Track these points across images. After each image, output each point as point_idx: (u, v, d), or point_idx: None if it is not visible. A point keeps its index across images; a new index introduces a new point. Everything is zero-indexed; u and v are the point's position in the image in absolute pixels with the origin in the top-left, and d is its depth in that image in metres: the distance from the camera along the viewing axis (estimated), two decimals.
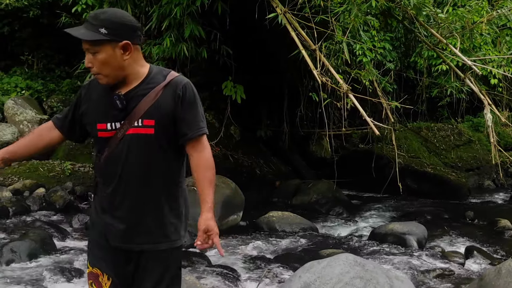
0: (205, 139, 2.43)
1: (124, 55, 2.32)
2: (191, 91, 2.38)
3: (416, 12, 6.63)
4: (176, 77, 2.41)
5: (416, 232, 6.49)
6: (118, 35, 2.29)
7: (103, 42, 2.29)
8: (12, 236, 5.98)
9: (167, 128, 2.36)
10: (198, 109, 2.40)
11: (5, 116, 10.06)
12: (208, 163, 2.41)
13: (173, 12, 6.59)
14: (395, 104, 6.91)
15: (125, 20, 2.34)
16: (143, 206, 2.42)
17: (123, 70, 2.35)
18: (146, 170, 2.39)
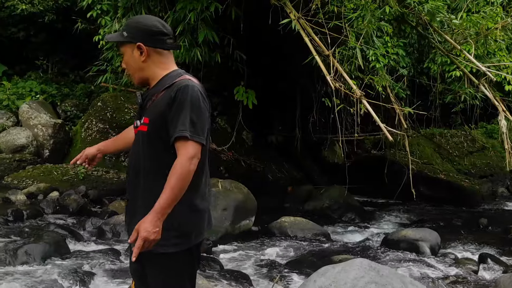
0: (185, 144, 2.34)
1: (141, 56, 2.48)
2: (184, 94, 2.37)
3: (430, 18, 6.61)
4: (179, 80, 2.43)
5: (429, 239, 6.46)
6: (133, 38, 2.47)
7: (124, 44, 2.52)
8: (26, 238, 6.01)
9: (159, 127, 2.41)
10: (185, 112, 2.35)
11: (20, 120, 10.16)
12: (176, 168, 2.32)
13: (187, 17, 6.63)
14: (408, 110, 6.88)
15: (142, 24, 2.50)
16: (136, 202, 2.49)
17: (142, 71, 2.51)
18: (140, 166, 2.48)
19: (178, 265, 2.44)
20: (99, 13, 8.68)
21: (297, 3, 6.09)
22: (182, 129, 2.33)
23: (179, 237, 2.41)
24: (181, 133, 2.33)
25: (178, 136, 2.34)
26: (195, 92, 2.38)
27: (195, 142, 2.35)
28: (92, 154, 2.82)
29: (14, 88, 11.30)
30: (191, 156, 2.33)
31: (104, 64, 8.64)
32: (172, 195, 2.30)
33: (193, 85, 2.40)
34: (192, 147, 2.34)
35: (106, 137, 9.55)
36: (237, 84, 7.90)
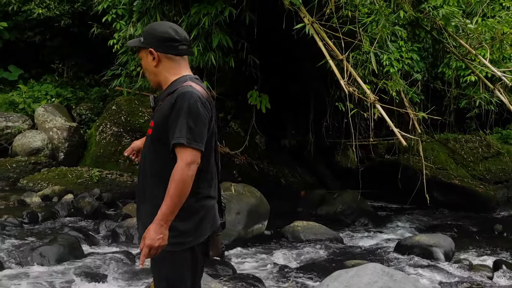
0: (183, 150, 2.41)
1: (153, 62, 2.60)
2: (182, 101, 2.44)
3: (445, 22, 6.59)
4: (181, 87, 2.51)
5: (443, 245, 6.41)
6: (147, 43, 2.61)
7: (141, 49, 2.66)
8: (41, 240, 6.09)
9: (162, 132, 2.50)
10: (183, 119, 2.42)
11: (35, 123, 10.26)
12: (174, 175, 2.41)
13: (201, 21, 6.67)
14: (422, 115, 6.85)
15: (155, 31, 2.62)
16: (142, 205, 2.63)
17: (155, 75, 2.64)
18: (146, 168, 2.60)
19: (177, 263, 2.55)
20: (114, 18, 8.77)
21: (311, 8, 6.10)
22: (178, 136, 2.42)
23: (177, 237, 2.50)
24: (177, 140, 2.42)
25: (175, 143, 2.43)
26: (193, 98, 2.45)
27: (192, 149, 2.42)
28: (138, 146, 2.91)
29: (30, 91, 11.43)
30: (189, 163, 2.41)
31: (119, 69, 8.71)
32: (172, 202, 2.41)
33: (192, 92, 2.46)
34: (189, 153, 2.42)
35: (120, 141, 9.62)
36: (251, 88, 7.92)
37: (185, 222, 2.52)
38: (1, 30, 11.39)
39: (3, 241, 5.98)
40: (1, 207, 7.50)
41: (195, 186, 2.50)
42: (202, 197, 2.56)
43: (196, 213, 2.55)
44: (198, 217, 2.55)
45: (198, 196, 2.54)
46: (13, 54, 12.14)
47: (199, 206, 2.55)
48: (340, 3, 5.99)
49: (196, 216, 2.55)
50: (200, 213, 2.56)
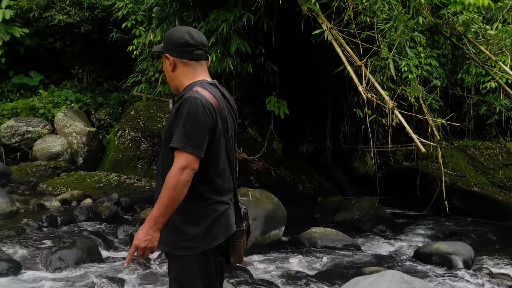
0: (178, 155, 2.44)
1: (170, 66, 2.66)
2: (184, 106, 2.48)
3: (465, 28, 6.54)
4: (188, 92, 2.54)
5: (462, 252, 6.34)
6: (164, 48, 2.68)
7: (161, 54, 2.72)
8: (60, 244, 6.15)
9: (168, 135, 2.55)
10: (181, 124, 2.45)
11: (55, 128, 10.37)
12: (168, 180, 2.44)
13: (220, 28, 6.70)
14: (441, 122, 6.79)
15: (172, 36, 2.68)
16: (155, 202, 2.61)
17: (172, 80, 2.71)
18: (160, 171, 2.64)
19: (188, 267, 2.57)
20: (134, 24, 8.85)
21: (329, 14, 6.09)
22: (175, 140, 2.46)
23: (188, 241, 2.55)
24: (173, 144, 2.46)
25: (170, 146, 2.48)
26: (194, 104, 2.47)
27: (187, 154, 2.44)
28: None
29: (50, 96, 11.57)
30: (182, 167, 2.44)
31: (139, 75, 8.78)
32: (163, 205, 2.45)
33: (195, 97, 2.48)
34: (183, 158, 2.44)
35: (138, 146, 9.69)
36: (269, 94, 7.93)
37: (195, 227, 2.55)
38: (23, 36, 11.55)
39: (23, 244, 6.05)
40: (21, 210, 7.59)
41: (202, 191, 2.55)
42: (212, 202, 2.58)
43: (205, 218, 2.57)
44: (208, 222, 2.57)
45: (207, 201, 2.57)
46: (34, 60, 12.30)
47: (208, 211, 2.57)
48: (358, 9, 5.98)
49: (205, 221, 2.57)
50: (210, 218, 2.57)
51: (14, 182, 8.84)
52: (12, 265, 5.23)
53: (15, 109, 11.11)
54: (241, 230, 2.74)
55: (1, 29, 11.22)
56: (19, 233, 6.51)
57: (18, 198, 8.03)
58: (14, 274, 5.13)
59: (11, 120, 10.34)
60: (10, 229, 6.61)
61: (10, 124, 10.19)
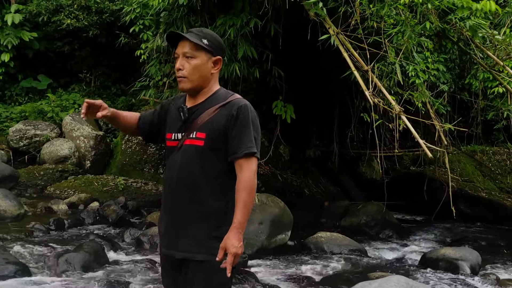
0: (250, 160, 2.49)
1: (213, 68, 2.63)
2: (245, 113, 2.51)
3: (472, 33, 6.52)
4: (235, 99, 2.58)
5: (469, 258, 6.31)
6: (216, 50, 2.62)
7: (202, 49, 2.58)
8: (67, 247, 6.17)
9: (216, 143, 2.53)
10: (249, 130, 2.50)
11: (63, 132, 10.43)
12: (245, 184, 2.47)
13: (227, 33, 6.73)
14: (449, 127, 6.77)
15: (221, 41, 2.69)
16: (187, 213, 2.57)
17: (206, 81, 2.63)
18: (193, 178, 2.56)
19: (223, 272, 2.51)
20: (141, 28, 8.91)
21: (336, 19, 6.11)
22: (249, 146, 2.49)
23: None
24: (247, 150, 2.49)
25: (247, 152, 2.48)
26: (254, 112, 2.56)
27: (256, 159, 2.52)
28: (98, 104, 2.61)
29: (58, 100, 11.63)
30: (255, 171, 2.51)
31: (146, 80, 8.82)
32: (246, 209, 2.48)
33: (250, 105, 2.57)
34: (255, 163, 2.52)
35: (145, 149, 9.73)
36: (275, 98, 7.94)
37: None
38: (31, 40, 11.64)
39: (30, 247, 6.08)
40: (29, 213, 7.63)
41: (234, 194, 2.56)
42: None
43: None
44: None
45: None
46: (43, 63, 12.40)
47: None
48: (365, 14, 5.98)
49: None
50: None
51: (22, 185, 8.89)
52: (19, 268, 5.25)
53: (23, 113, 11.18)
54: None
55: (10, 33, 11.31)
56: (26, 236, 6.55)
57: (26, 201, 8.08)
58: (21, 277, 5.15)
59: (20, 124, 10.40)
60: (18, 232, 6.64)
61: (18, 127, 10.26)
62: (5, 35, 11.30)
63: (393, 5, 6.01)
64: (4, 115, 11.24)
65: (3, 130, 10.80)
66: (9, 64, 11.50)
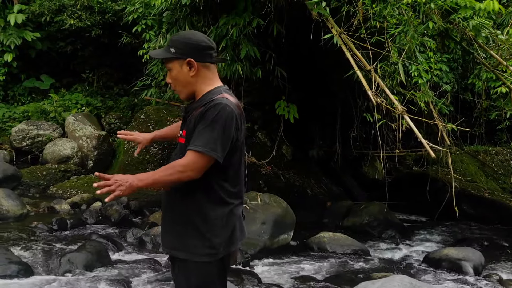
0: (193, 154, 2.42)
1: (190, 71, 2.56)
2: (212, 113, 2.45)
3: (475, 33, 6.51)
4: (217, 98, 2.52)
5: (472, 258, 6.30)
6: (183, 53, 2.54)
7: (172, 60, 2.58)
8: (69, 247, 6.17)
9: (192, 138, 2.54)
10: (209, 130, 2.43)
11: (65, 132, 10.43)
12: (171, 165, 2.46)
13: (229, 33, 6.73)
14: (451, 127, 6.76)
15: (191, 40, 2.57)
16: (171, 211, 2.62)
17: (191, 85, 2.60)
18: None
19: (210, 273, 2.57)
20: (144, 28, 8.91)
21: (339, 19, 6.10)
22: (198, 145, 2.43)
23: (212, 248, 2.54)
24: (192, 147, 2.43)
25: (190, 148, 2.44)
26: (225, 112, 2.46)
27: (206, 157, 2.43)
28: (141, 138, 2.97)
29: (61, 100, 11.64)
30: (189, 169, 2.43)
31: (148, 79, 8.82)
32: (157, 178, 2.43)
33: (226, 105, 2.47)
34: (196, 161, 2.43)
35: (148, 149, 9.72)
36: (278, 98, 7.93)
37: (220, 233, 2.55)
38: (34, 40, 11.65)
39: (33, 247, 6.08)
40: (32, 213, 7.65)
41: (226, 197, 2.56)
42: (233, 207, 2.60)
43: (228, 223, 2.58)
44: (231, 228, 2.58)
45: (229, 206, 2.58)
46: (45, 63, 12.40)
47: (231, 217, 2.58)
48: (368, 14, 5.98)
49: (229, 227, 2.58)
50: (231, 223, 2.59)
51: (24, 185, 8.90)
52: (22, 267, 5.26)
53: (26, 113, 11.19)
54: None
55: (13, 33, 11.32)
56: (29, 236, 6.55)
57: (29, 201, 8.09)
58: (24, 276, 5.17)
59: (22, 124, 10.41)
60: (20, 231, 6.65)
61: (21, 127, 10.27)
62: (8, 35, 11.31)
63: (396, 5, 6.01)
64: (7, 115, 11.25)
65: (6, 130, 10.80)
66: (12, 64, 11.52)
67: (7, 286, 4.91)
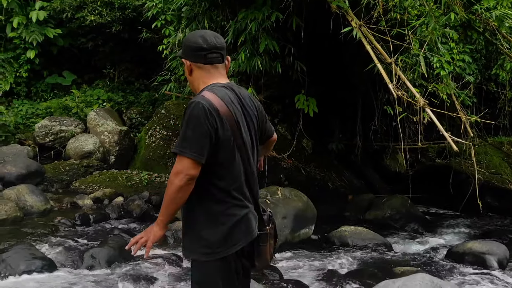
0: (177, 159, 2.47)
1: (187, 70, 2.72)
2: (187, 110, 2.51)
3: (498, 24, 6.39)
4: (196, 96, 2.59)
5: (496, 252, 6.20)
6: (184, 54, 2.71)
7: (182, 59, 2.75)
8: (92, 242, 6.25)
9: None
10: (183, 129, 2.48)
11: (87, 127, 10.54)
12: (168, 182, 2.51)
13: (248, 27, 6.70)
14: (475, 119, 6.65)
15: (189, 42, 2.68)
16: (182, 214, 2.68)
17: (192, 83, 2.76)
18: None
19: (209, 272, 2.60)
20: (163, 24, 8.94)
21: (358, 11, 6.03)
22: (175, 145, 2.49)
23: (207, 247, 2.56)
24: (173, 149, 2.51)
25: (172, 151, 2.54)
26: (197, 108, 2.47)
27: (185, 158, 2.44)
28: None
29: (82, 96, 11.77)
30: (178, 171, 2.46)
31: (168, 74, 8.85)
32: (163, 205, 2.54)
33: (198, 102, 2.48)
34: (179, 162, 2.47)
35: (169, 144, 9.78)
36: (298, 91, 7.89)
37: (214, 232, 2.55)
38: (56, 37, 11.78)
39: (57, 242, 6.16)
40: (55, 209, 7.75)
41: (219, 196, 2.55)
42: (230, 206, 2.57)
43: (224, 222, 2.56)
44: (227, 227, 2.56)
45: (225, 205, 2.56)
46: (67, 60, 12.54)
47: (227, 216, 2.57)
48: (388, 6, 5.90)
49: (224, 226, 2.56)
50: (229, 222, 2.57)
51: (48, 181, 9.02)
52: (46, 263, 5.33)
53: (49, 109, 11.35)
54: (265, 233, 2.72)
55: (35, 30, 11.46)
56: (52, 231, 6.64)
57: (52, 197, 8.20)
58: (47, 272, 5.24)
59: (45, 120, 10.55)
60: (44, 227, 6.74)
61: (44, 123, 10.40)
62: (30, 32, 11.45)
63: None
64: (30, 112, 11.42)
65: (29, 126, 10.97)
66: (35, 61, 11.67)
67: (32, 281, 4.99)
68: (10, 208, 7.05)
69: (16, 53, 11.73)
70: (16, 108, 11.49)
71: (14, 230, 6.64)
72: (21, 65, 11.71)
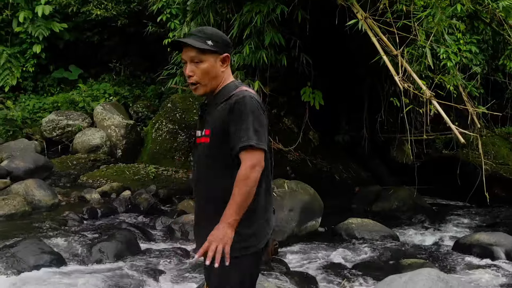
0: (249, 153, 2.41)
1: (222, 66, 2.60)
2: (242, 105, 2.45)
3: (505, 14, 6.35)
4: (238, 91, 2.53)
5: (504, 243, 6.18)
6: (221, 48, 2.58)
7: (209, 52, 2.55)
8: (100, 236, 6.28)
9: (220, 139, 2.51)
10: (247, 122, 2.42)
11: (94, 121, 10.57)
12: (239, 178, 2.41)
13: (254, 20, 6.68)
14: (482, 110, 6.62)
15: (225, 37, 2.65)
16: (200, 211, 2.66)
17: (218, 80, 2.60)
18: (201, 175, 2.61)
19: (242, 268, 2.53)
20: (169, 17, 8.93)
21: (364, 3, 6.01)
22: (246, 139, 2.41)
23: (245, 241, 2.51)
24: (247, 142, 2.41)
25: (244, 145, 2.42)
26: (254, 101, 2.47)
27: (259, 150, 2.43)
28: None
29: (89, 90, 11.80)
30: (255, 164, 2.42)
31: (174, 68, 8.85)
32: (236, 203, 2.41)
33: (250, 96, 2.49)
34: (256, 155, 2.43)
35: (175, 138, 9.80)
36: (304, 84, 7.88)
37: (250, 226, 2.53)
38: (62, 31, 11.79)
39: (65, 236, 6.20)
40: (63, 203, 7.79)
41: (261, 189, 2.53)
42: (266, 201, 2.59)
43: (260, 217, 2.57)
44: (263, 220, 2.57)
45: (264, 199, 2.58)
46: (73, 54, 12.56)
47: (263, 210, 2.57)
48: None
49: (261, 220, 2.57)
50: (264, 216, 2.58)
51: (55, 175, 9.05)
52: (54, 257, 5.36)
53: (55, 103, 11.38)
54: None
55: (41, 25, 11.48)
56: (61, 226, 6.67)
57: (60, 191, 8.24)
58: (56, 266, 5.27)
59: (52, 114, 10.59)
60: (52, 221, 6.78)
61: (51, 118, 10.44)
62: (36, 26, 11.47)
63: None
64: (37, 106, 11.45)
65: (36, 121, 11.01)
66: (41, 55, 11.70)
67: (40, 275, 5.02)
68: (19, 203, 7.10)
69: (22, 48, 11.76)
70: (23, 102, 11.53)
71: (23, 224, 6.68)
72: (27, 59, 11.75)
